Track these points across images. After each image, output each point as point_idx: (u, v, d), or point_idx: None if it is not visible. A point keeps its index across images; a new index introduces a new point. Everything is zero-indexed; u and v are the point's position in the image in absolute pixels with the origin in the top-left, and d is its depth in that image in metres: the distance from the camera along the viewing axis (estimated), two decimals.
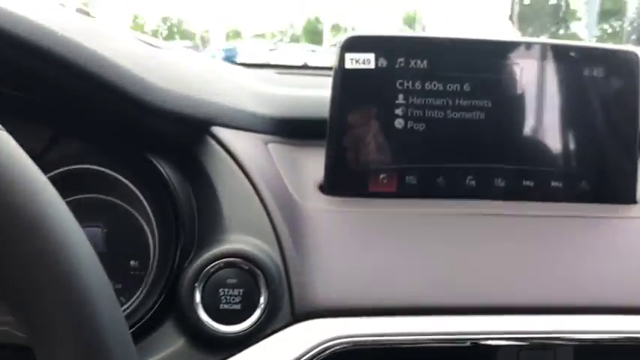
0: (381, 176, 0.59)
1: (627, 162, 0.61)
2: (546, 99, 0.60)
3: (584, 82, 0.60)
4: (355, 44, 0.57)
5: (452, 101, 0.59)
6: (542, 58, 0.60)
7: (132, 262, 0.55)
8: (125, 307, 0.52)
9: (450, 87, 0.59)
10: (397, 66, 0.58)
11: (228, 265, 0.47)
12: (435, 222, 0.56)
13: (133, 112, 0.49)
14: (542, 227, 0.57)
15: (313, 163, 0.60)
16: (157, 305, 0.48)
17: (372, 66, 0.58)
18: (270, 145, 0.60)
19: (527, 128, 0.60)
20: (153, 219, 0.53)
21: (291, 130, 0.63)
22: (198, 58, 0.65)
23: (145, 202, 0.53)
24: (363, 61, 0.57)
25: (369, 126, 0.59)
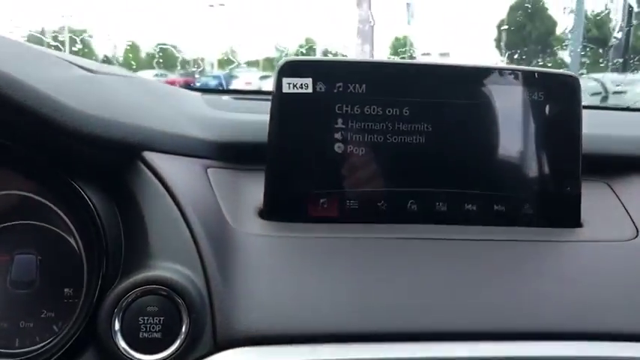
0: (322, 201, 0.59)
1: (570, 185, 0.61)
2: (487, 123, 0.60)
3: (526, 106, 0.60)
4: (292, 69, 0.57)
5: (392, 125, 0.58)
6: (484, 82, 0.60)
7: (66, 290, 0.54)
8: (57, 335, 0.51)
9: (389, 111, 0.58)
10: (335, 90, 0.58)
11: (148, 292, 0.46)
12: (373, 247, 0.55)
13: (57, 138, 0.48)
14: (484, 252, 0.56)
15: (255, 188, 0.59)
16: (77, 334, 0.47)
17: (309, 90, 0.57)
18: (210, 170, 0.59)
19: (468, 152, 0.60)
20: (81, 246, 0.52)
21: (234, 154, 0.62)
22: (137, 83, 0.65)
23: (74, 229, 0.52)
24: (301, 85, 0.57)
25: (309, 150, 0.58)
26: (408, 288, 0.51)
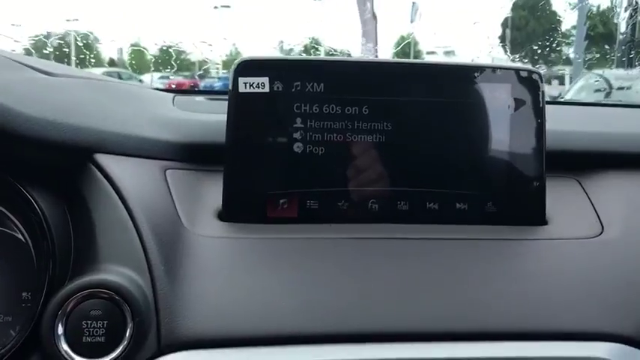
0: (281, 201, 0.58)
1: (534, 182, 0.60)
2: (448, 120, 0.59)
3: (488, 103, 0.59)
4: (248, 68, 0.57)
5: (351, 124, 0.58)
6: (445, 79, 0.59)
7: (24, 294, 0.53)
8: (13, 340, 0.51)
9: (348, 110, 0.58)
10: (293, 89, 0.57)
11: (91, 296, 0.45)
12: (330, 247, 0.55)
13: (3, 141, 0.48)
14: (445, 251, 0.56)
15: (216, 190, 0.58)
16: (23, 338, 0.47)
17: (266, 90, 0.57)
18: (169, 172, 0.59)
19: (430, 150, 0.59)
20: (32, 249, 0.52)
21: (195, 155, 0.62)
22: (95, 85, 0.64)
23: (25, 233, 0.52)
24: (258, 84, 0.57)
25: (267, 150, 0.58)
26: (363, 288, 0.51)
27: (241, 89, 0.57)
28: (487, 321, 0.50)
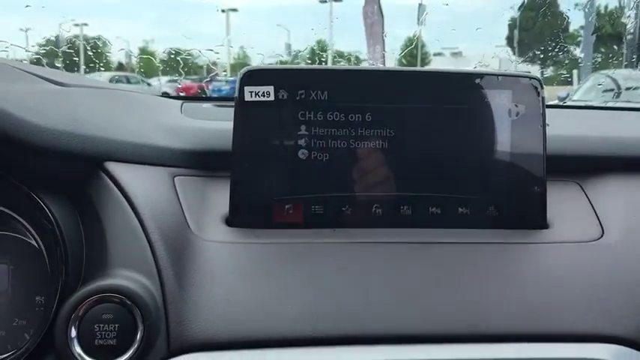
0: (287, 207, 0.59)
1: (535, 186, 0.61)
2: (451, 126, 0.60)
3: (489, 109, 0.60)
4: (254, 77, 0.58)
5: (354, 131, 0.59)
6: (447, 85, 0.60)
7: (37, 298, 0.55)
8: (27, 343, 0.53)
9: (352, 117, 0.59)
10: (298, 98, 0.59)
11: (102, 300, 0.47)
12: (336, 252, 0.56)
13: (16, 151, 0.50)
14: (449, 254, 0.57)
15: (224, 196, 0.60)
16: (37, 342, 0.48)
17: (271, 98, 0.58)
18: (178, 178, 0.60)
19: (432, 156, 0.60)
20: (46, 255, 0.54)
21: (203, 162, 0.63)
22: (106, 94, 0.66)
23: (39, 239, 0.54)
24: (263, 93, 0.58)
25: (273, 157, 0.59)
26: (368, 292, 0.52)
27: (247, 98, 0.58)
28: (488, 323, 0.51)
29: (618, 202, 0.63)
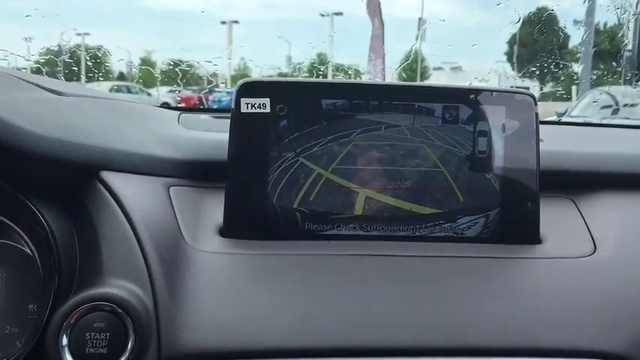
0: (281, 218, 0.60)
1: (528, 202, 0.61)
2: (445, 141, 0.60)
3: (484, 125, 0.60)
4: (250, 89, 0.59)
5: (349, 144, 0.59)
6: (442, 101, 0.61)
7: (30, 306, 0.55)
8: (19, 350, 0.53)
9: (347, 130, 0.59)
10: (293, 110, 0.59)
11: (94, 308, 0.47)
12: (329, 263, 0.56)
13: (12, 159, 0.50)
14: (442, 268, 0.57)
15: (218, 206, 0.60)
16: (28, 349, 0.48)
17: (267, 110, 0.59)
18: (173, 189, 0.61)
19: (425, 170, 0.60)
20: (39, 263, 0.54)
21: (198, 172, 0.64)
22: (103, 104, 0.66)
23: (33, 247, 0.54)
24: (259, 105, 0.59)
25: (267, 168, 0.59)
26: (361, 304, 0.52)
27: (243, 109, 0.59)
28: (480, 337, 0.51)
29: (611, 219, 0.64)
